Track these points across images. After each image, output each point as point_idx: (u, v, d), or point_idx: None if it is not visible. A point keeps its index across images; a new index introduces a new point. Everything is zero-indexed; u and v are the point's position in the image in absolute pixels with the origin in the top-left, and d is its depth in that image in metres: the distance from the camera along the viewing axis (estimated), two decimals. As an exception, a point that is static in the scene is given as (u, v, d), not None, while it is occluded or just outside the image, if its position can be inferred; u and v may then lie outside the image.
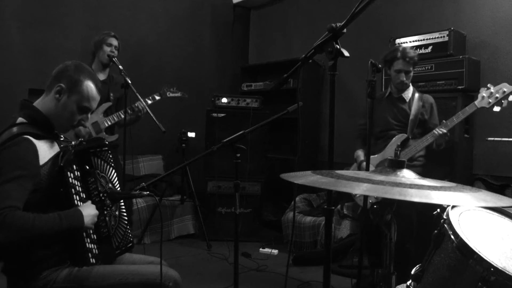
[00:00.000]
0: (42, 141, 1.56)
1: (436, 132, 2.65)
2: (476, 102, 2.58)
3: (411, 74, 2.87)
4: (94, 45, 3.25)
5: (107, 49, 3.21)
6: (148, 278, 1.63)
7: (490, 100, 2.52)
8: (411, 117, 2.85)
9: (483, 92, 2.56)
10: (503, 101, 2.51)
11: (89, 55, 3.30)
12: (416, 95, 2.92)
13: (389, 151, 2.88)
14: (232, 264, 2.21)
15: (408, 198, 0.97)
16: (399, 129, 2.91)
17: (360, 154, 3.04)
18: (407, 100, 2.93)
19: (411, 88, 2.96)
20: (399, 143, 2.81)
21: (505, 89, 2.51)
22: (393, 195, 0.98)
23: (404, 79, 2.84)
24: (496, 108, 2.54)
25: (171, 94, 3.54)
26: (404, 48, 2.84)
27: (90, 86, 1.65)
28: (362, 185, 1.05)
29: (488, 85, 2.57)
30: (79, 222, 1.50)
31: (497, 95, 2.51)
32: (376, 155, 2.91)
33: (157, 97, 3.42)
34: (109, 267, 1.65)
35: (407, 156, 2.74)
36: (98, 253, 1.62)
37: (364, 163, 2.94)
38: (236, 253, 2.13)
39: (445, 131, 2.64)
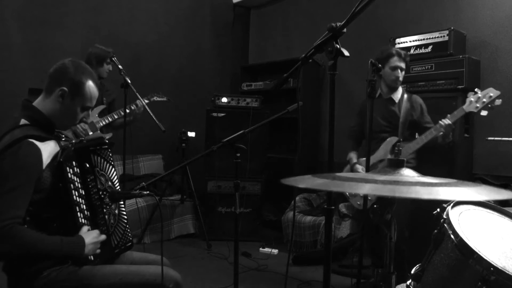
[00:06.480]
0: (45, 143, 1.55)
1: (442, 123, 2.60)
2: (464, 107, 2.59)
3: (404, 72, 2.92)
4: (95, 57, 3.32)
5: (107, 67, 3.38)
6: (148, 279, 1.63)
7: (478, 105, 2.54)
8: (401, 119, 2.87)
9: (471, 97, 2.57)
10: (489, 105, 2.53)
11: (85, 59, 3.30)
12: (405, 96, 2.95)
13: (381, 153, 2.89)
14: (232, 264, 2.21)
15: (414, 195, 0.96)
16: (389, 131, 2.92)
17: (353, 156, 3.08)
18: (397, 101, 2.95)
19: (400, 89, 2.99)
20: (390, 146, 2.83)
21: (492, 94, 2.52)
22: (401, 193, 0.97)
23: (400, 75, 2.87)
24: (483, 112, 2.55)
25: (158, 99, 3.70)
26: (396, 48, 2.92)
27: (91, 86, 1.66)
28: (365, 185, 1.04)
29: (476, 89, 2.59)
30: (79, 252, 1.53)
31: (484, 99, 2.53)
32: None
33: (146, 101, 3.53)
34: (110, 266, 1.65)
35: (404, 155, 2.70)
36: (98, 252, 1.62)
37: (357, 166, 2.97)
38: (236, 253, 2.13)
39: (450, 122, 2.59)
